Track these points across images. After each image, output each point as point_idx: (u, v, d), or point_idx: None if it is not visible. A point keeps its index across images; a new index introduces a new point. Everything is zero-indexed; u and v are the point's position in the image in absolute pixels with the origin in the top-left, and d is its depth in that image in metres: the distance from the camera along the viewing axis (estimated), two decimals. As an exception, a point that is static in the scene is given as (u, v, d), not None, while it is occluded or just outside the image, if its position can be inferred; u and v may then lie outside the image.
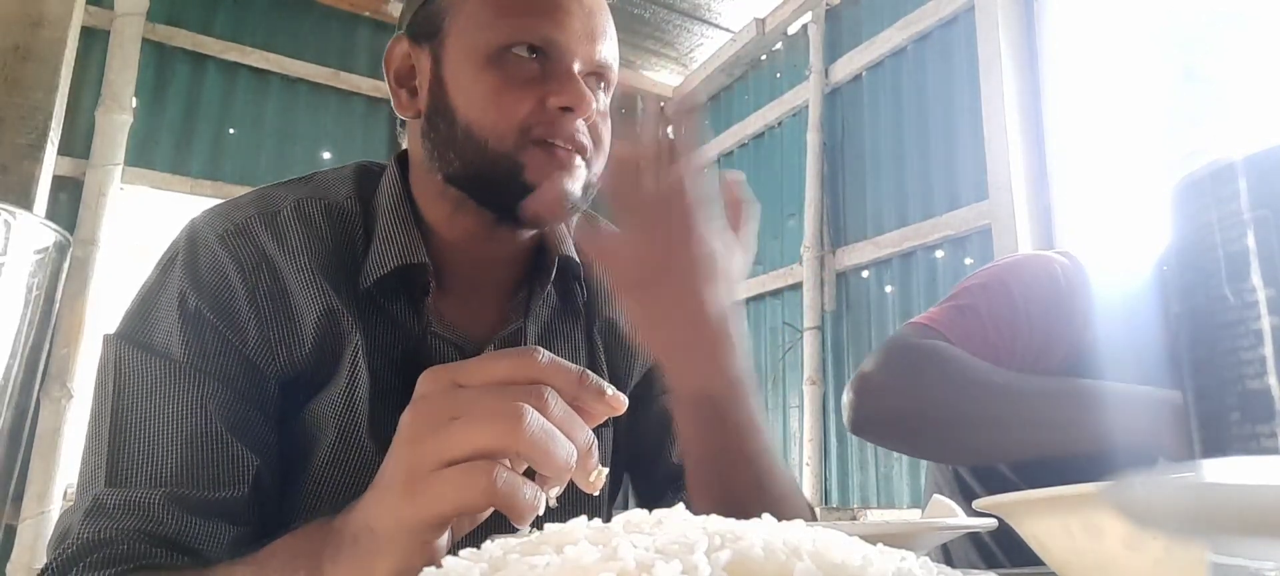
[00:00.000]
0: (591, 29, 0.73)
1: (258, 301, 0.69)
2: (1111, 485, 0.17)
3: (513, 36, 0.70)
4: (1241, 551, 0.16)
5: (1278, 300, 0.19)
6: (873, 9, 2.91)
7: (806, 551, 0.26)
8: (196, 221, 0.73)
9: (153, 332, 0.68)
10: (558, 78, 0.70)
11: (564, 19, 0.72)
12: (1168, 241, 0.23)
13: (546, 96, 0.69)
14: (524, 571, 0.25)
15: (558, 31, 0.71)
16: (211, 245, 0.70)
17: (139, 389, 0.65)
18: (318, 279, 0.71)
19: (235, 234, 0.71)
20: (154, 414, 0.64)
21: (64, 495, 2.49)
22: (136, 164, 2.80)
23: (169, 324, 0.67)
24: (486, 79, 0.70)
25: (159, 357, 0.66)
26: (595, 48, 0.73)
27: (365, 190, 0.78)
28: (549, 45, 0.71)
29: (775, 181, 3.21)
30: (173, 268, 0.70)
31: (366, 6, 3.31)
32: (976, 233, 2.44)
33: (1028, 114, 2.40)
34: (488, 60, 0.70)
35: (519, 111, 0.69)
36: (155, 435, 0.63)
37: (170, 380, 0.65)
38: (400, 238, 0.73)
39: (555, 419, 0.44)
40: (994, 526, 0.50)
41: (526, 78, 0.70)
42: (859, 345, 2.81)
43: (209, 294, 0.68)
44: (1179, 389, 0.19)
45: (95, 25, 2.76)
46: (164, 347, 0.66)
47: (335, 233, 0.74)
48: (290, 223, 0.73)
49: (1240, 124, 0.42)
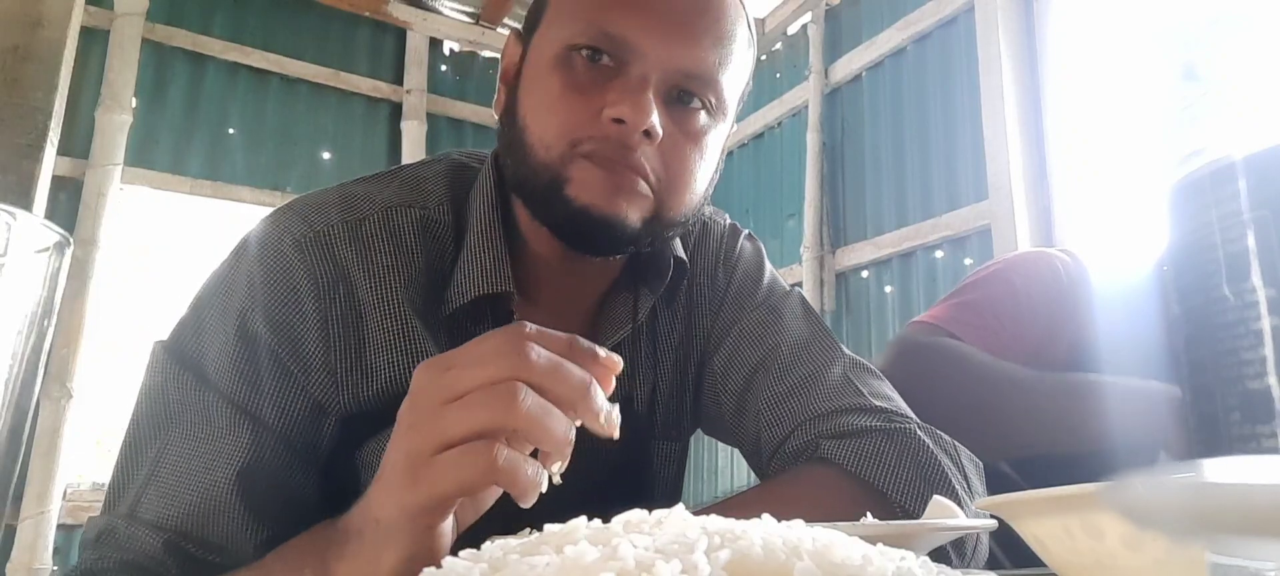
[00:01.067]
0: (682, 30, 0.63)
1: (329, 326, 0.63)
2: (1111, 485, 0.17)
3: (581, 33, 0.63)
4: (1241, 551, 0.16)
5: (1278, 300, 0.19)
6: (872, 9, 2.91)
7: (806, 551, 0.26)
8: (270, 221, 0.67)
9: (204, 354, 0.62)
10: (619, 85, 0.62)
11: (643, 17, 0.62)
12: (1168, 241, 0.23)
13: (604, 104, 0.61)
14: (524, 571, 0.25)
15: (630, 30, 0.62)
16: (286, 253, 0.64)
17: (180, 418, 0.60)
18: (401, 307, 0.65)
19: (314, 243, 0.64)
20: (188, 453, 0.59)
21: (64, 495, 2.49)
22: (136, 164, 2.80)
23: (223, 345, 0.61)
24: (550, 80, 0.64)
25: (207, 389, 0.60)
26: (684, 54, 0.63)
27: (458, 194, 0.71)
28: (618, 46, 0.62)
29: (775, 181, 3.21)
30: (237, 274, 0.64)
31: (366, 6, 3.31)
32: (976, 233, 2.44)
33: (1027, 114, 2.40)
34: (556, 58, 0.64)
35: (570, 119, 0.62)
36: (182, 476, 0.59)
37: (211, 419, 0.60)
38: (485, 258, 0.66)
39: (547, 386, 0.43)
40: (994, 526, 0.50)
41: (589, 82, 0.63)
42: (859, 345, 2.80)
43: (275, 315, 0.62)
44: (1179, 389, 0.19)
45: (95, 25, 2.76)
46: (215, 377, 0.61)
47: (425, 250, 0.67)
48: (376, 236, 0.66)
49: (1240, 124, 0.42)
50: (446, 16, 3.49)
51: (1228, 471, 0.19)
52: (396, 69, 3.38)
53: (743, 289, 0.81)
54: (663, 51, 0.62)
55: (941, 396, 0.88)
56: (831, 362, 0.74)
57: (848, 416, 0.69)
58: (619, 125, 0.61)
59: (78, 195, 2.65)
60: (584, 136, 0.62)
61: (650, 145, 0.63)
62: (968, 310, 0.93)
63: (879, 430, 0.67)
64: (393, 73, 3.37)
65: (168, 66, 2.94)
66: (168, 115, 2.92)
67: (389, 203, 0.69)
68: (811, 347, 0.75)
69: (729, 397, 0.77)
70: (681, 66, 0.63)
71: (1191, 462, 0.18)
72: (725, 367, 0.77)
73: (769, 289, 0.81)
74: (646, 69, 0.62)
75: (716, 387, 0.78)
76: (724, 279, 0.81)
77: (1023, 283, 0.95)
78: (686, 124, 0.66)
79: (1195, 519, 0.15)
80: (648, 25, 0.62)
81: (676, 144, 0.65)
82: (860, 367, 0.75)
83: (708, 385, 0.79)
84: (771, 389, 0.73)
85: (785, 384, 0.73)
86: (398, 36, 3.40)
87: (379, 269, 0.66)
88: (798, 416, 0.71)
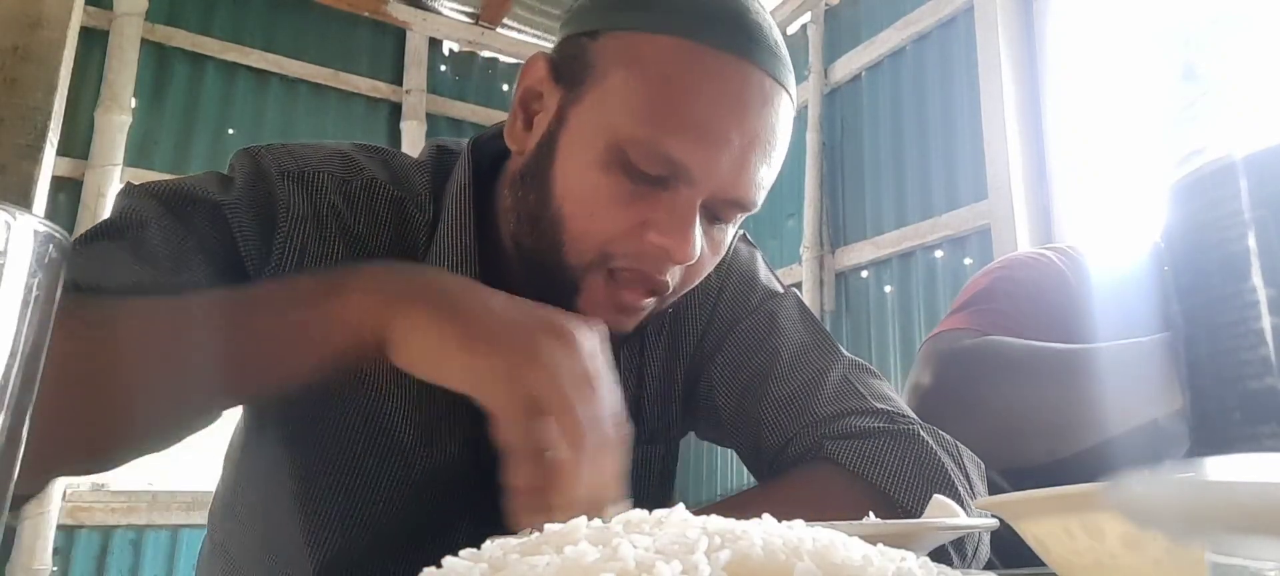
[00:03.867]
0: (741, 159, 0.59)
1: (285, 254, 0.64)
2: (1111, 485, 0.17)
3: (638, 144, 0.57)
4: (1241, 551, 0.16)
5: (1278, 300, 0.19)
6: (872, 9, 2.91)
7: (806, 551, 0.26)
8: (264, 148, 0.68)
9: (176, 191, 0.62)
10: (670, 210, 0.58)
11: (706, 144, 0.57)
12: (1168, 241, 0.23)
13: (649, 226, 0.58)
14: (524, 571, 0.25)
15: (692, 157, 0.57)
16: (269, 175, 0.65)
17: (130, 220, 0.59)
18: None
19: (298, 179, 0.66)
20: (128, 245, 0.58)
21: (63, 495, 2.49)
22: (136, 164, 2.80)
23: (193, 192, 0.62)
24: (596, 178, 0.59)
25: (166, 216, 0.60)
26: (737, 181, 0.60)
27: (438, 183, 0.70)
28: (675, 169, 0.58)
29: (774, 181, 3.20)
30: (221, 177, 0.65)
31: (366, 6, 3.31)
32: (976, 233, 2.44)
33: (1027, 114, 2.40)
34: (606, 154, 0.58)
35: (610, 229, 0.59)
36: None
37: (160, 220, 0.59)
38: (454, 254, 0.66)
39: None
40: (995, 526, 0.50)
41: (638, 192, 0.59)
42: (858, 345, 2.80)
43: (246, 214, 0.63)
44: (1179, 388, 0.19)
45: (94, 26, 2.76)
46: (175, 216, 0.61)
47: (396, 235, 0.68)
48: (359, 197, 0.67)
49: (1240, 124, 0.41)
50: (446, 17, 3.48)
51: (1228, 471, 0.19)
52: (396, 69, 3.38)
53: (738, 294, 0.80)
54: (717, 181, 0.59)
55: (992, 392, 0.82)
56: (831, 366, 0.74)
57: (849, 419, 0.69)
58: (660, 251, 0.59)
59: (77, 195, 2.65)
60: (619, 251, 0.60)
61: (680, 266, 0.62)
62: (992, 314, 0.90)
63: (882, 431, 0.67)
64: (392, 73, 3.37)
65: (167, 67, 2.94)
66: (167, 115, 2.92)
67: (378, 176, 0.69)
68: (810, 352, 0.75)
69: (727, 403, 0.76)
70: (731, 196, 0.61)
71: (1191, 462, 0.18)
72: (722, 373, 0.77)
73: (764, 293, 0.81)
74: (696, 194, 0.59)
75: (713, 393, 0.77)
76: (716, 282, 0.80)
77: (1025, 274, 0.95)
78: (716, 237, 0.65)
79: (1195, 518, 0.15)
80: (710, 156, 0.58)
81: (701, 259, 0.63)
82: (859, 369, 0.75)
83: (703, 390, 0.79)
84: (771, 394, 0.73)
85: (785, 389, 0.73)
86: (397, 37, 3.40)
87: (350, 232, 0.66)
88: (799, 421, 0.71)
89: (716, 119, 0.58)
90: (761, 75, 0.60)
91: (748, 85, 0.59)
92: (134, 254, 0.57)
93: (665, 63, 0.58)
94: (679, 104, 0.57)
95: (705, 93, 0.58)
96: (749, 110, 0.59)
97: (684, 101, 0.57)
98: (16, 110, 1.20)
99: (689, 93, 0.57)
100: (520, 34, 3.62)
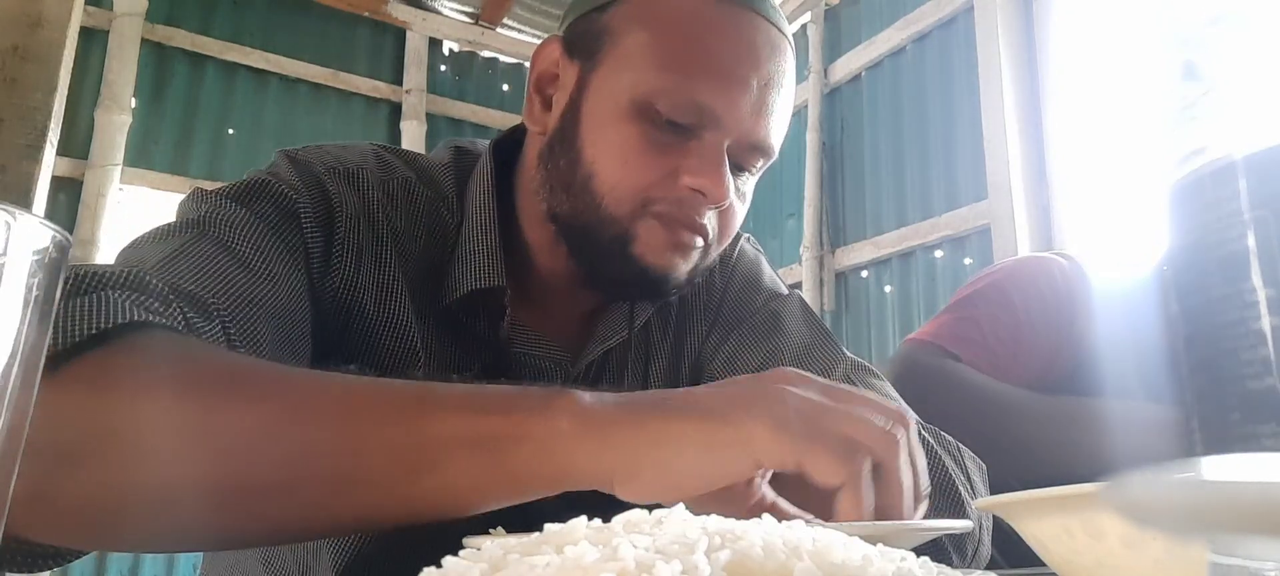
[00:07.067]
0: (760, 103, 0.63)
1: (346, 254, 0.63)
2: (1111, 485, 0.17)
3: (666, 94, 0.60)
4: (1241, 551, 0.16)
5: (1278, 300, 0.19)
6: (872, 9, 2.91)
7: (806, 551, 0.26)
8: (296, 152, 0.66)
9: (250, 191, 0.61)
10: (701, 154, 0.61)
11: (730, 88, 0.61)
12: (1168, 241, 0.23)
13: (682, 171, 0.61)
14: (524, 571, 0.25)
15: (718, 101, 0.61)
16: (318, 175, 0.64)
17: (212, 229, 0.56)
18: (396, 277, 0.65)
19: (345, 177, 0.65)
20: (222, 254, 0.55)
21: (63, 495, 2.49)
22: (135, 164, 2.80)
23: (267, 187, 0.61)
24: (625, 130, 0.62)
25: (244, 211, 0.58)
26: (758, 124, 0.63)
27: (461, 183, 0.72)
28: (702, 115, 0.61)
29: (774, 181, 3.20)
30: (267, 178, 0.62)
31: (366, 6, 3.31)
32: (976, 233, 2.44)
33: (1027, 114, 2.40)
34: (633, 108, 0.61)
35: (646, 177, 0.62)
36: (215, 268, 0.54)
37: (247, 237, 0.57)
38: (480, 253, 0.66)
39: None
40: (969, 528, 0.50)
41: (668, 141, 0.62)
42: (858, 345, 2.80)
43: (309, 214, 0.61)
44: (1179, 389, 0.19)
45: (94, 25, 2.76)
46: (256, 208, 0.59)
47: (429, 234, 0.67)
48: (398, 195, 0.67)
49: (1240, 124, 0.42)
50: (446, 16, 3.49)
51: (1228, 470, 0.19)
52: (396, 69, 3.38)
53: (742, 294, 0.80)
54: (742, 125, 0.63)
55: (939, 420, 0.88)
56: (833, 366, 0.74)
57: None
58: (696, 194, 0.62)
59: (77, 195, 2.65)
60: (658, 197, 0.62)
61: (716, 210, 0.65)
62: (967, 325, 0.92)
63: None
64: (392, 73, 3.37)
65: (167, 67, 2.94)
66: (167, 115, 2.92)
67: (408, 177, 0.70)
68: (814, 352, 0.75)
69: None
70: (753, 140, 0.64)
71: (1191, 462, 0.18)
72: (726, 372, 0.77)
73: (769, 293, 0.81)
74: (723, 137, 0.62)
75: None
76: (721, 283, 0.80)
77: (1021, 296, 0.95)
78: (742, 185, 0.68)
79: (1195, 518, 0.15)
80: (735, 99, 0.61)
81: (732, 205, 0.66)
82: (861, 370, 0.75)
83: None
84: None
85: None
86: (397, 36, 3.40)
87: (397, 232, 0.66)
88: None
89: (737, 65, 0.62)
90: (768, 26, 0.64)
91: (759, 34, 0.63)
92: (230, 258, 0.55)
93: (683, 18, 0.62)
94: (702, 53, 0.61)
95: (725, 42, 0.62)
96: (763, 57, 0.63)
97: (707, 50, 0.61)
98: (16, 110, 1.20)
99: (710, 43, 0.62)
100: (520, 34, 3.62)
